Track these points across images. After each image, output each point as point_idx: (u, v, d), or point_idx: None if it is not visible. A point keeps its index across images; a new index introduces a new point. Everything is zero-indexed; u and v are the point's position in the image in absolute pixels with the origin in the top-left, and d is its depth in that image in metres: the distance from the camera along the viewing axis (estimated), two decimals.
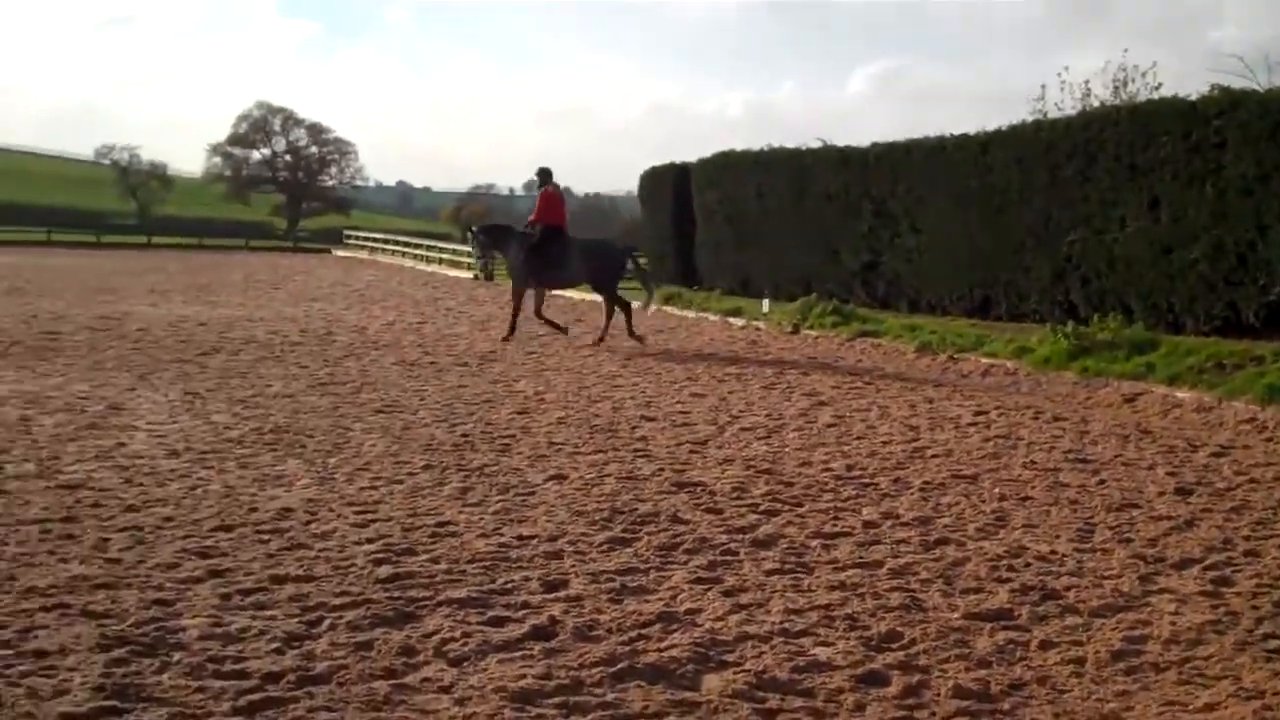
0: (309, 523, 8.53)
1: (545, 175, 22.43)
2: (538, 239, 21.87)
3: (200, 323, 23.20)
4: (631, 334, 21.68)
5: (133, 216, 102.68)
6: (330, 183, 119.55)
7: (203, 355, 18.06)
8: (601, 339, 21.85)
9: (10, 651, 5.81)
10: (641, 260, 24.26)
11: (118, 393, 14.17)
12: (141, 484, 9.57)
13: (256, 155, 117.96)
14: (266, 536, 8.12)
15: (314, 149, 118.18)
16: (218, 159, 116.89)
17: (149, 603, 6.65)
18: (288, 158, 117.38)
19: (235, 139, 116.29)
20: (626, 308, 22.10)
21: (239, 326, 22.71)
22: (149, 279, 37.19)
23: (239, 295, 31.47)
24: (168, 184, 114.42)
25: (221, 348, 19.09)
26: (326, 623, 6.41)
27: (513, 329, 21.88)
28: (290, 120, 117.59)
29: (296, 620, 6.44)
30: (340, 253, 73.37)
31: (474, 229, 24.69)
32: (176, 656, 5.87)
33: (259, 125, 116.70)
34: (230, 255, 61.40)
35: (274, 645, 6.05)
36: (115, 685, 5.48)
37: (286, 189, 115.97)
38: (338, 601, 6.76)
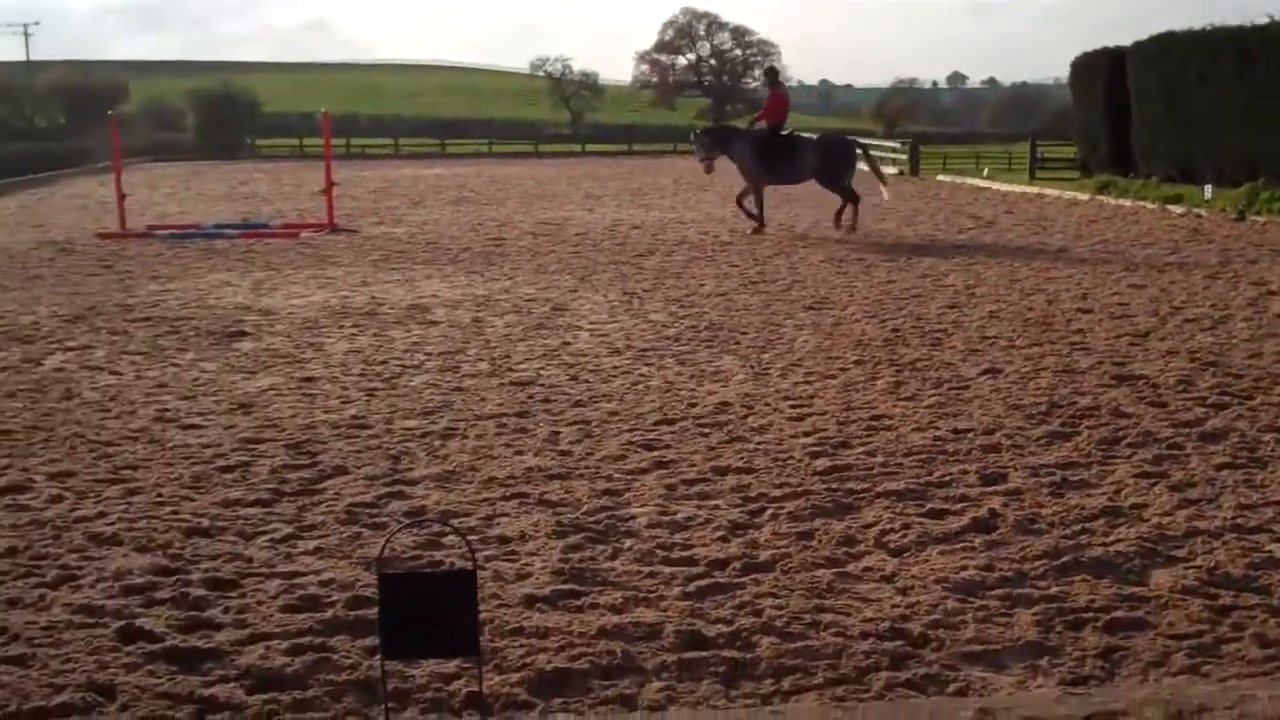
0: (746, 416, 8.73)
1: (773, 75, 22.93)
2: (766, 137, 22.05)
3: (634, 226, 23.87)
4: (853, 227, 21.77)
5: (566, 125, 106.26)
6: (754, 85, 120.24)
7: (638, 257, 18.61)
8: (853, 227, 21.82)
9: (475, 537, 6.21)
10: (871, 150, 23.92)
11: (561, 294, 14.80)
12: (587, 380, 10.01)
13: (682, 61, 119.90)
14: (707, 430, 8.37)
15: (738, 52, 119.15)
16: (645, 66, 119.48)
17: (599, 492, 6.99)
18: (712, 62, 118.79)
19: (662, 45, 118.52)
20: (856, 200, 22.10)
21: (671, 228, 23.26)
22: (584, 185, 38.44)
23: (669, 198, 32.16)
24: (598, 92, 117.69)
25: (655, 249, 19.61)
26: (768, 513, 6.57)
27: (760, 222, 22.17)
28: (714, 25, 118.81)
29: (739, 510, 6.63)
30: None
31: (696, 131, 24.94)
32: (628, 543, 6.15)
33: (684, 31, 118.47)
34: (659, 160, 62.65)
35: (719, 534, 6.26)
36: (572, 569, 5.79)
37: (711, 93, 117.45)
38: (778, 493, 6.92)
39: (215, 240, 21.65)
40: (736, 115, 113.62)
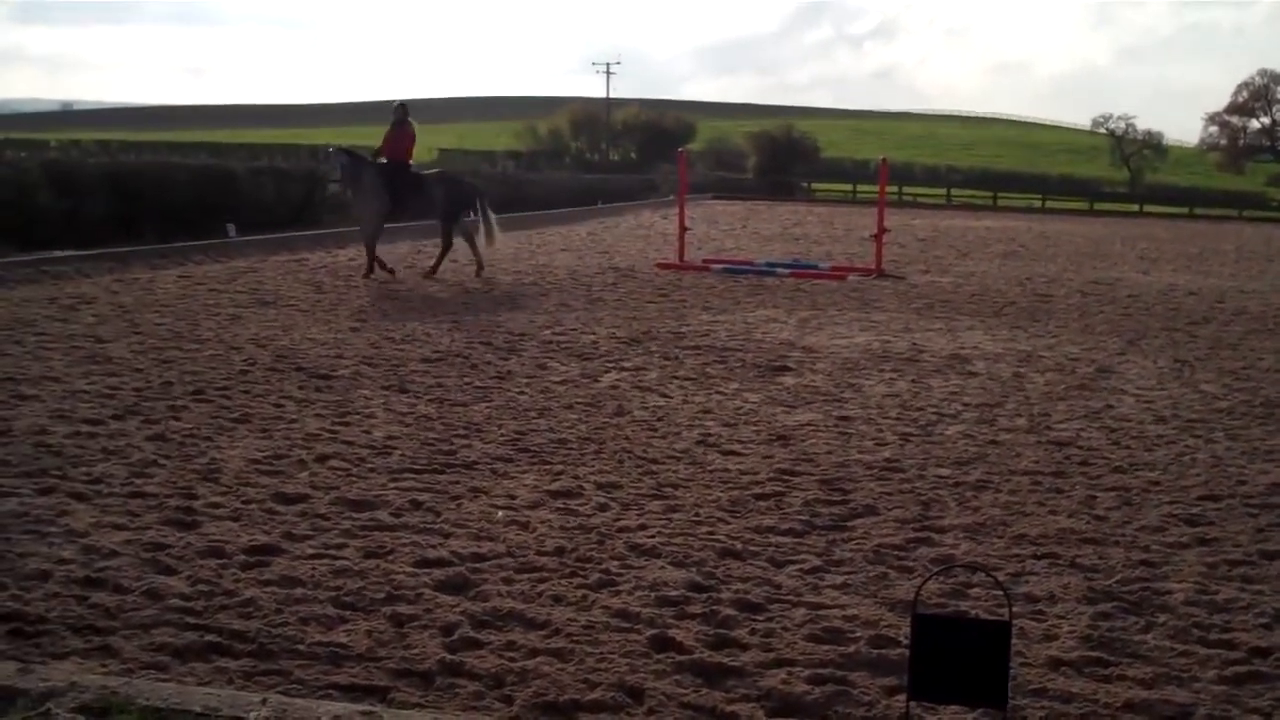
0: None
1: (401, 111, 21.14)
2: (389, 171, 20.72)
3: (1190, 292, 22.83)
4: (433, 272, 20.78)
5: (1124, 184, 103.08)
6: None
7: (1192, 324, 17.79)
8: (432, 272, 20.77)
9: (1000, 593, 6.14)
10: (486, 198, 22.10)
11: (1107, 356, 14.35)
12: (1129, 446, 9.68)
13: (1255, 124, 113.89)
14: (1255, 510, 7.93)
15: None
16: (1214, 128, 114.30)
17: (1135, 563, 6.75)
18: None
19: (1234, 107, 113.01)
20: (449, 246, 21.09)
21: (1230, 297, 22.08)
22: (1139, 246, 37.09)
23: (1230, 266, 30.56)
24: (1161, 153, 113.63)
25: (1212, 318, 18.70)
26: None
27: (371, 267, 20.41)
28: None
29: None
30: None
31: (334, 148, 23.71)
32: (1162, 618, 5.92)
33: (1260, 93, 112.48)
34: (1221, 225, 59.72)
35: (1262, 620, 5.92)
36: (1101, 637, 5.63)
37: None
38: None
39: (766, 277, 22.28)
40: None
